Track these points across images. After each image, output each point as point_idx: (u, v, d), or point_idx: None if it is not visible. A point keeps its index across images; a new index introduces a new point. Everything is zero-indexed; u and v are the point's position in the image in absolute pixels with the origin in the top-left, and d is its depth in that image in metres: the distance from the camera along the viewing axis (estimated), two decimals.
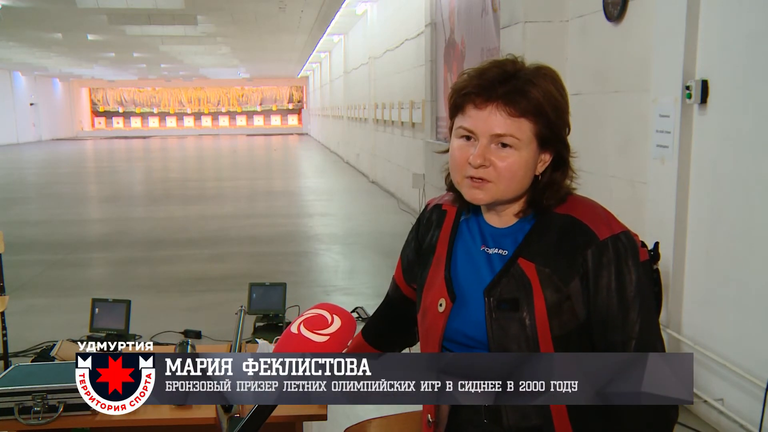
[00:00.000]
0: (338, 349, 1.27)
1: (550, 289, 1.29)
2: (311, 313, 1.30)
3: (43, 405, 1.78)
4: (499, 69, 1.29)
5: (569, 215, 1.33)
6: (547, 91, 1.28)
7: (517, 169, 1.29)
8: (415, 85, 10.62)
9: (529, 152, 1.29)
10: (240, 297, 4.82)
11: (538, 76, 1.29)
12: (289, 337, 1.25)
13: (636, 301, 1.29)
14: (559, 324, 1.28)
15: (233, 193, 13.86)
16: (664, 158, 3.75)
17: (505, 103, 1.26)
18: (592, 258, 1.29)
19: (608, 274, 1.28)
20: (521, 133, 1.27)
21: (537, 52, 4.79)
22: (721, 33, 3.42)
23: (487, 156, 1.28)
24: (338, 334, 1.27)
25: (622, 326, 1.29)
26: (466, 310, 1.34)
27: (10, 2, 13.71)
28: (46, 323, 5.25)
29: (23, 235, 8.93)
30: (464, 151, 1.30)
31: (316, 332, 1.25)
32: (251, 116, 46.73)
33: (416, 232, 1.53)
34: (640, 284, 1.30)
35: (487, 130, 1.28)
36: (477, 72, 1.31)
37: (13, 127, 35.71)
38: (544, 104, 1.27)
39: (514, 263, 1.32)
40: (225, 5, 14.34)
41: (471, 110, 1.29)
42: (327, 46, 24.48)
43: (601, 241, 1.29)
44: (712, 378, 3.49)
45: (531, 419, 1.30)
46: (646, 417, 1.27)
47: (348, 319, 1.31)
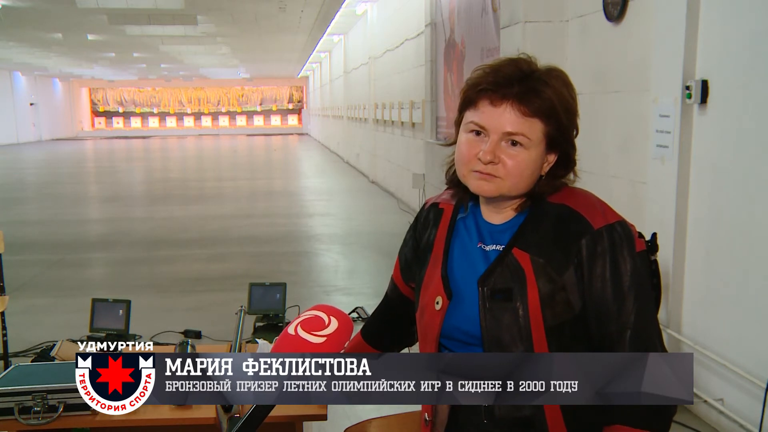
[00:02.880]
0: (335, 350, 1.27)
1: (543, 279, 1.28)
2: (308, 314, 1.30)
3: (43, 405, 1.78)
4: (514, 67, 1.30)
5: (564, 204, 1.33)
6: (560, 93, 1.29)
7: (525, 167, 1.29)
8: (415, 85, 10.62)
9: (537, 152, 1.30)
10: (240, 297, 4.81)
11: (552, 77, 1.30)
12: (287, 339, 1.25)
13: (631, 291, 1.28)
14: (553, 314, 1.28)
15: (233, 193, 13.86)
16: (664, 158, 3.75)
17: (519, 101, 1.27)
18: (586, 247, 1.28)
19: (603, 264, 1.28)
20: (532, 132, 1.28)
21: (537, 52, 4.73)
22: (721, 33, 3.42)
23: (497, 153, 1.29)
24: (335, 336, 1.27)
25: (617, 316, 1.28)
26: (462, 306, 1.34)
27: (10, 2, 13.71)
28: (46, 323, 5.25)
29: (23, 235, 8.93)
30: (473, 146, 1.31)
31: (313, 333, 1.25)
32: (251, 116, 46.72)
33: (414, 231, 1.53)
34: (635, 274, 1.29)
35: (499, 128, 1.28)
36: (492, 68, 1.31)
37: (13, 127, 35.71)
38: (557, 105, 1.28)
39: (509, 253, 1.32)
40: (225, 5, 14.33)
41: (484, 106, 1.30)
42: (327, 46, 24.47)
43: (595, 230, 1.29)
44: (712, 378, 3.49)
45: (522, 409, 1.29)
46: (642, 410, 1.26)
47: (345, 320, 1.31)
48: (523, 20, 5.01)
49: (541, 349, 1.28)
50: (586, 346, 1.32)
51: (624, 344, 1.28)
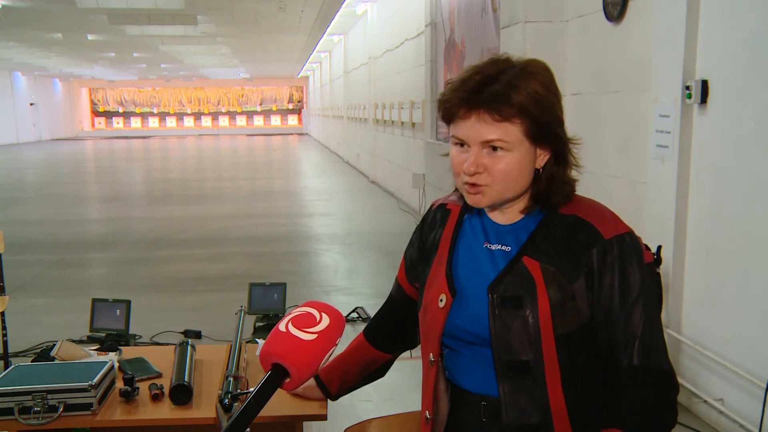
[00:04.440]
0: (327, 347, 1.26)
1: (554, 288, 1.28)
2: (300, 311, 1.29)
3: (43, 405, 1.78)
4: (480, 75, 1.29)
5: (574, 215, 1.33)
6: (530, 91, 1.27)
7: (510, 170, 1.29)
8: (415, 85, 10.62)
9: (522, 151, 1.29)
10: (240, 297, 4.81)
11: (522, 77, 1.28)
12: (277, 336, 1.24)
13: (639, 302, 1.28)
14: (563, 323, 1.28)
15: (233, 193, 13.86)
16: (664, 158, 3.75)
17: (488, 110, 1.27)
18: (597, 257, 1.28)
19: (612, 274, 1.28)
20: (509, 135, 1.27)
21: (537, 52, 4.78)
22: (721, 33, 3.42)
23: (479, 162, 1.29)
24: (326, 333, 1.26)
25: (625, 326, 1.28)
26: (467, 305, 1.34)
27: (10, 2, 13.71)
28: (46, 323, 5.25)
29: (23, 235, 8.93)
30: (460, 158, 1.32)
31: (304, 330, 1.24)
32: (251, 116, 46.73)
33: (420, 232, 1.53)
34: (644, 285, 1.29)
35: (476, 137, 1.29)
36: (459, 82, 1.31)
37: (13, 127, 35.72)
38: (527, 105, 1.26)
39: (519, 261, 1.32)
40: (225, 5, 14.33)
41: (458, 119, 1.31)
42: (327, 46, 24.48)
43: (606, 240, 1.29)
44: (712, 378, 3.49)
45: (530, 417, 1.30)
46: (645, 417, 1.27)
47: (336, 317, 1.30)
48: (523, 20, 5.01)
49: (551, 357, 1.28)
50: (594, 354, 1.32)
51: (632, 354, 1.28)
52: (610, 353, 1.30)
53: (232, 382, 1.69)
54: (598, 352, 1.32)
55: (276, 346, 1.22)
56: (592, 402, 1.32)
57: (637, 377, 1.27)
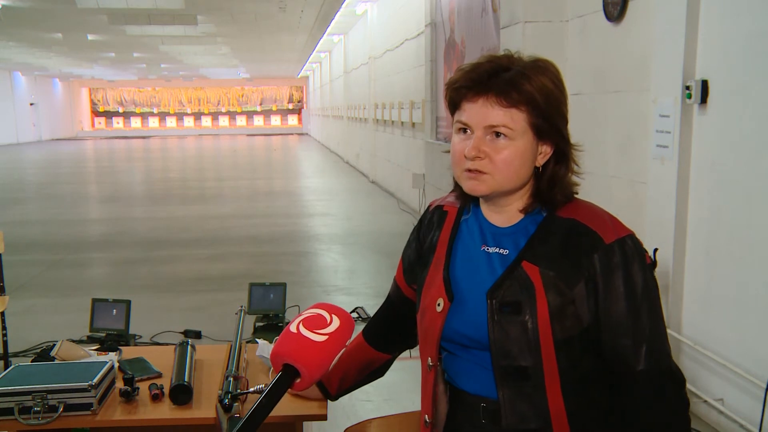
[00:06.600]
0: (337, 348, 1.27)
1: (553, 293, 1.27)
2: (310, 312, 1.30)
3: (43, 405, 1.77)
4: (492, 63, 1.30)
5: (573, 219, 1.31)
6: (540, 83, 1.27)
7: (513, 158, 1.28)
8: (415, 85, 10.62)
9: (524, 142, 1.28)
10: (240, 297, 4.82)
11: (532, 69, 1.29)
12: (288, 336, 1.25)
13: (644, 305, 1.27)
14: (562, 328, 1.27)
15: (233, 193, 13.86)
16: (664, 158, 3.75)
17: (497, 94, 1.27)
18: (599, 262, 1.27)
19: (617, 278, 1.27)
20: (514, 123, 1.27)
21: (537, 52, 4.70)
22: (721, 33, 3.42)
23: (482, 147, 1.28)
24: (337, 334, 1.27)
25: (632, 330, 1.27)
26: (464, 310, 1.34)
27: (10, 2, 13.71)
28: (46, 323, 5.25)
29: (23, 235, 8.93)
30: (462, 145, 1.31)
31: (315, 332, 1.25)
32: (251, 116, 46.73)
33: (418, 233, 1.52)
34: (647, 287, 1.28)
35: (480, 122, 1.28)
36: (471, 66, 1.31)
37: (13, 127, 35.72)
38: (535, 95, 1.27)
39: (518, 266, 1.30)
40: (225, 5, 14.33)
41: (465, 104, 1.30)
42: (327, 46, 24.48)
43: (607, 245, 1.27)
44: (712, 378, 3.49)
45: (529, 422, 1.29)
46: (659, 419, 1.26)
47: (347, 319, 1.31)
48: (523, 20, 5.01)
49: (550, 363, 1.27)
50: (596, 359, 1.31)
51: (640, 359, 1.27)
52: (616, 358, 1.29)
53: (232, 382, 1.69)
54: (600, 357, 1.31)
55: (287, 347, 1.23)
56: (592, 407, 1.31)
57: (648, 381, 1.27)
